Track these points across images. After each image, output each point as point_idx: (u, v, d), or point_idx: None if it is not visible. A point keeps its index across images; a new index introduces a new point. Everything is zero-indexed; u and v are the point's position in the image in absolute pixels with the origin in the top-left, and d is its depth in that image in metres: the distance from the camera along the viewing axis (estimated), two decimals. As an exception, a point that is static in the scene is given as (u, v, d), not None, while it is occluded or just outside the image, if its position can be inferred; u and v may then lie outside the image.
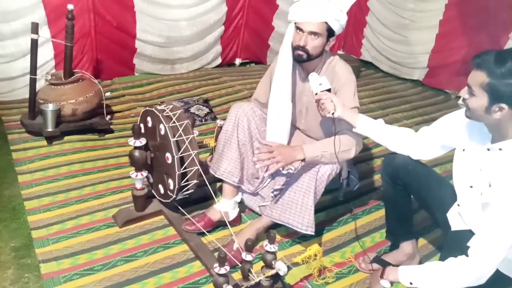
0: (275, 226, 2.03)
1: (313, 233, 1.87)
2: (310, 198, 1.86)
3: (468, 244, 1.41)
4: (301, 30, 1.89)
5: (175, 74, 3.99)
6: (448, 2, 3.90)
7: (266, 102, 2.11)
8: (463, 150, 1.58)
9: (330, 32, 1.90)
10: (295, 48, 1.93)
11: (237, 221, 2.15)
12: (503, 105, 1.33)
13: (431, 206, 1.78)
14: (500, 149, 1.42)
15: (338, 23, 1.88)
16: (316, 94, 1.84)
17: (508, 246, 1.35)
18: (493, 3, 3.60)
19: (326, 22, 1.86)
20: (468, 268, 1.40)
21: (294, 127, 2.22)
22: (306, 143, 2.12)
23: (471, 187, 1.53)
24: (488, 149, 1.46)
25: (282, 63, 2.01)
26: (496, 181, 1.40)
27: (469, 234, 1.46)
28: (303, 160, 1.85)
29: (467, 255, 1.40)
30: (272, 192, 2.05)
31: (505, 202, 1.35)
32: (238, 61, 4.46)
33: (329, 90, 1.84)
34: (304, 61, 1.93)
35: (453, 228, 1.64)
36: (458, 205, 1.62)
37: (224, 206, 2.08)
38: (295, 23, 1.92)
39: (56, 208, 2.17)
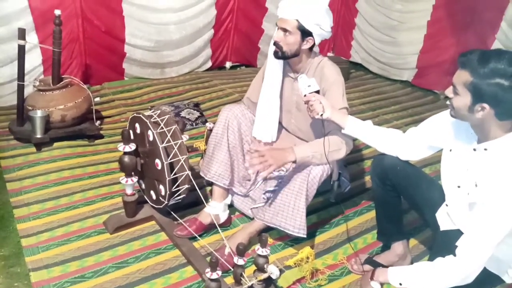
0: (267, 229, 2.03)
1: (305, 236, 1.88)
2: (302, 200, 1.86)
3: (456, 243, 1.42)
4: (277, 26, 1.92)
5: (165, 78, 3.98)
6: (436, 3, 3.94)
7: (257, 101, 2.13)
8: (450, 150, 1.59)
9: (304, 31, 1.90)
10: (273, 44, 1.96)
11: (227, 222, 2.15)
12: (485, 105, 1.34)
13: (420, 207, 1.79)
14: (485, 149, 1.43)
15: (311, 23, 1.88)
16: (305, 95, 1.85)
17: (493, 244, 1.37)
18: (479, 4, 3.65)
19: (297, 20, 1.87)
20: (455, 267, 1.41)
21: (283, 128, 2.23)
22: (296, 144, 2.14)
23: (458, 187, 1.54)
24: (474, 149, 1.47)
25: (270, 63, 2.03)
26: (482, 181, 1.42)
27: (457, 233, 1.47)
28: (294, 161, 1.86)
29: (455, 255, 1.42)
30: (264, 194, 2.05)
31: (490, 201, 1.36)
32: (228, 64, 4.46)
33: (318, 92, 1.85)
34: (279, 57, 1.96)
35: (442, 228, 1.65)
36: (447, 205, 1.63)
37: (214, 209, 2.07)
38: None
39: (45, 216, 2.15)
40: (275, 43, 1.94)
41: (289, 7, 1.87)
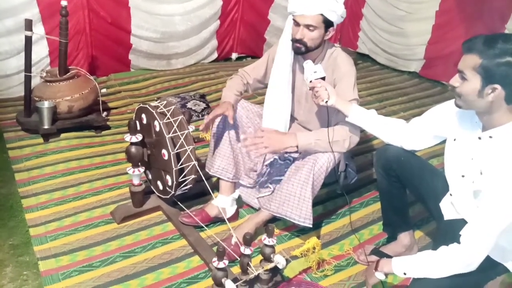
0: (273, 220, 2.03)
1: (310, 226, 1.87)
2: (308, 190, 1.86)
3: (460, 232, 1.42)
4: (297, 23, 1.88)
5: (171, 70, 3.98)
6: (444, -7, 3.89)
7: (253, 79, 2.18)
8: (454, 139, 1.58)
9: (327, 23, 1.89)
10: (293, 40, 1.93)
11: (234, 218, 2.15)
12: (496, 86, 1.33)
13: (425, 197, 1.78)
14: (490, 137, 1.42)
15: (335, 14, 1.87)
16: (310, 81, 1.84)
17: (497, 231, 1.36)
18: (489, -7, 3.60)
19: (321, 14, 1.85)
20: (458, 254, 1.41)
21: (292, 119, 2.22)
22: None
23: (463, 176, 1.54)
24: (479, 138, 1.46)
25: (281, 55, 2.02)
26: (487, 169, 1.41)
27: (461, 223, 1.46)
28: (297, 147, 1.85)
29: (459, 243, 1.41)
30: (270, 183, 2.06)
31: (495, 188, 1.35)
32: (234, 55, 4.45)
33: (323, 78, 1.83)
34: (303, 53, 1.94)
35: (446, 218, 1.65)
36: (451, 194, 1.63)
37: (221, 202, 2.08)
38: (293, 15, 1.91)
39: (53, 206, 2.17)
40: (298, 41, 1.90)
41: (312, 3, 1.82)
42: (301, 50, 1.92)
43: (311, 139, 1.86)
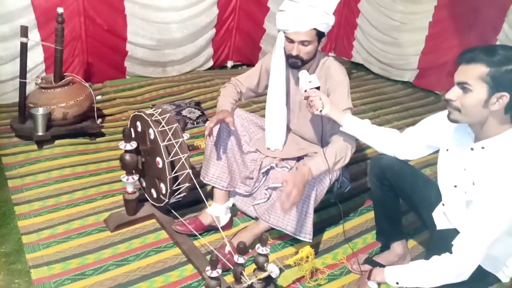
0: (270, 229, 2.03)
1: (311, 240, 1.88)
2: (310, 206, 1.86)
3: (453, 242, 1.43)
4: (291, 40, 1.89)
5: (166, 77, 3.99)
6: (437, 4, 3.94)
7: (246, 88, 2.18)
8: (447, 150, 1.60)
9: (320, 35, 1.91)
10: (288, 56, 1.95)
11: (228, 226, 2.15)
12: (504, 93, 1.32)
13: (418, 206, 1.80)
14: (482, 148, 1.44)
15: (327, 25, 1.89)
16: (305, 91, 1.85)
17: (489, 242, 1.37)
18: (481, 5, 3.65)
19: (315, 29, 1.86)
20: (450, 264, 1.42)
21: (287, 129, 2.23)
22: (299, 144, 2.14)
23: (455, 186, 1.55)
24: (472, 149, 1.48)
25: (276, 69, 2.03)
26: (480, 179, 1.42)
27: (454, 233, 1.48)
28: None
29: (451, 253, 1.42)
30: (266, 189, 2.05)
31: (486, 199, 1.37)
32: (230, 63, 4.47)
33: (318, 88, 1.85)
34: (299, 67, 1.95)
35: (439, 227, 1.66)
36: (443, 204, 1.64)
37: (215, 211, 2.08)
38: (284, 32, 1.93)
39: (46, 213, 2.15)
40: (294, 56, 1.91)
41: (304, 20, 1.83)
42: (298, 65, 1.94)
43: (322, 168, 1.81)
